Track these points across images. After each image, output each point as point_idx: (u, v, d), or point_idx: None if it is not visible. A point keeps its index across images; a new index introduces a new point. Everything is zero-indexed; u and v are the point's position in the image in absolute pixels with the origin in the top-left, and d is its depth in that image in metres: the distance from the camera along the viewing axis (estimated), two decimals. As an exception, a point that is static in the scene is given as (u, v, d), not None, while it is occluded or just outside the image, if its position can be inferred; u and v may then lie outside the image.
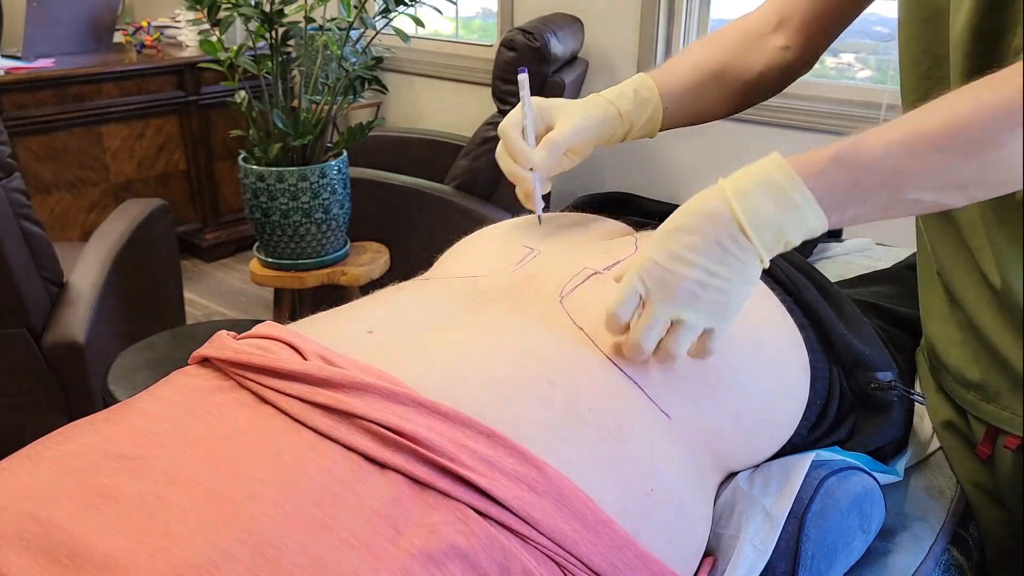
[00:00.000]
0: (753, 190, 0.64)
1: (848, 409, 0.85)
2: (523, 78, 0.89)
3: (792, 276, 0.89)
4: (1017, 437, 0.80)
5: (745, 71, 0.97)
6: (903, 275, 1.18)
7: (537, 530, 0.55)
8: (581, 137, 0.88)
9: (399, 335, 0.68)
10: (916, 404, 0.94)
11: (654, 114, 0.93)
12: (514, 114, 0.89)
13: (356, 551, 0.49)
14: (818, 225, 0.65)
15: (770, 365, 0.78)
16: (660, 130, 0.95)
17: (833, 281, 0.96)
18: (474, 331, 0.70)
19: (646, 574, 0.60)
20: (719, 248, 0.65)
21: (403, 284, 0.83)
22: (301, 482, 0.52)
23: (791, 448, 0.81)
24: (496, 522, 0.54)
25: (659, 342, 0.67)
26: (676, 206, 0.71)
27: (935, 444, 0.94)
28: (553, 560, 0.55)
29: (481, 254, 0.88)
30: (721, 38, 0.99)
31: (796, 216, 0.64)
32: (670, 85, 0.94)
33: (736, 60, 0.97)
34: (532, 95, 0.89)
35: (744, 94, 0.99)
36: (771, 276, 0.88)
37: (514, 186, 0.92)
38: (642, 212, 1.05)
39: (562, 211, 1.01)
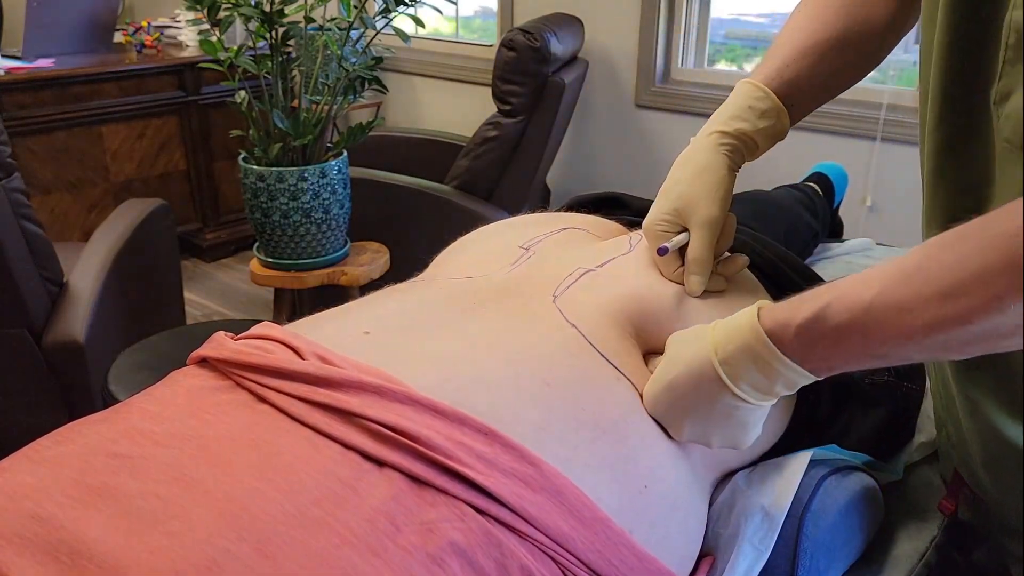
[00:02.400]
0: (737, 359, 0.64)
1: (843, 407, 0.85)
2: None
3: (785, 276, 0.89)
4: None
5: (869, 28, 0.85)
6: None
7: (534, 527, 0.55)
8: (717, 232, 0.79)
9: (396, 335, 0.69)
10: (921, 401, 0.94)
11: (778, 122, 0.84)
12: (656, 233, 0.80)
13: (355, 548, 0.49)
14: (805, 380, 0.64)
15: None
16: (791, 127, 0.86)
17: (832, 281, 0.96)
18: (470, 331, 0.70)
19: (642, 571, 0.60)
20: (718, 405, 0.66)
21: (399, 285, 0.84)
22: (300, 480, 0.52)
23: (788, 446, 0.81)
24: (494, 519, 0.54)
25: None
26: None
27: (935, 443, 0.94)
28: (550, 557, 0.56)
29: (476, 255, 0.89)
30: (824, 1, 0.86)
31: (781, 378, 0.64)
32: (790, 77, 0.84)
33: (853, 21, 0.85)
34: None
35: (870, 56, 0.88)
36: (764, 275, 0.88)
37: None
38: (635, 211, 1.06)
39: (556, 211, 1.01)
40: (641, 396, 0.70)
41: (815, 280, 0.93)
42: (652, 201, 1.07)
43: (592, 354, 0.69)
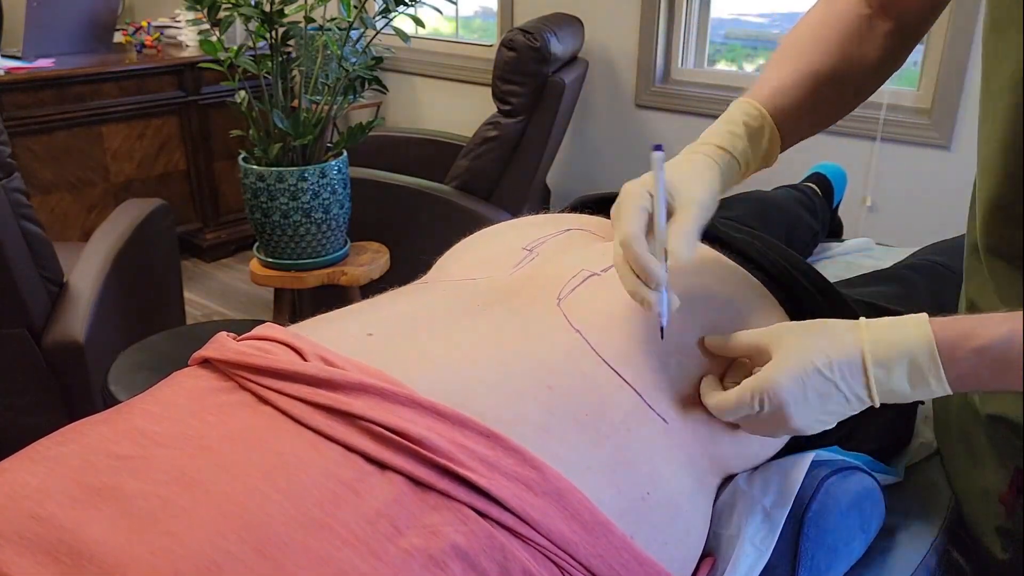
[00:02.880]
0: (895, 365, 0.64)
1: None
2: (658, 156, 0.69)
3: (789, 275, 0.89)
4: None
5: (861, 66, 0.86)
6: (903, 275, 1.18)
7: (536, 531, 0.55)
8: (706, 218, 0.73)
9: (399, 338, 0.69)
10: (918, 405, 0.94)
11: (770, 145, 0.82)
12: (632, 218, 0.69)
13: (357, 551, 0.49)
14: (937, 394, 0.65)
15: None
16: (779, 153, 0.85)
17: (833, 281, 0.96)
18: (473, 334, 0.70)
19: (642, 575, 0.60)
20: (842, 400, 0.67)
21: (402, 288, 0.84)
22: (302, 482, 0.52)
23: (790, 448, 0.81)
24: (496, 522, 0.54)
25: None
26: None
27: (933, 444, 0.94)
28: (552, 561, 0.56)
29: (479, 257, 0.88)
30: (820, 34, 0.86)
31: (924, 393, 0.64)
32: (783, 104, 0.83)
33: (847, 57, 0.85)
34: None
35: (863, 89, 0.89)
36: (769, 276, 0.88)
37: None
38: None
39: (560, 212, 1.01)
40: (643, 400, 0.69)
41: (819, 280, 0.93)
42: None
43: (595, 359, 0.69)
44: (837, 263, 1.44)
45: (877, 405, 0.66)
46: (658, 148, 0.69)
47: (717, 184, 0.76)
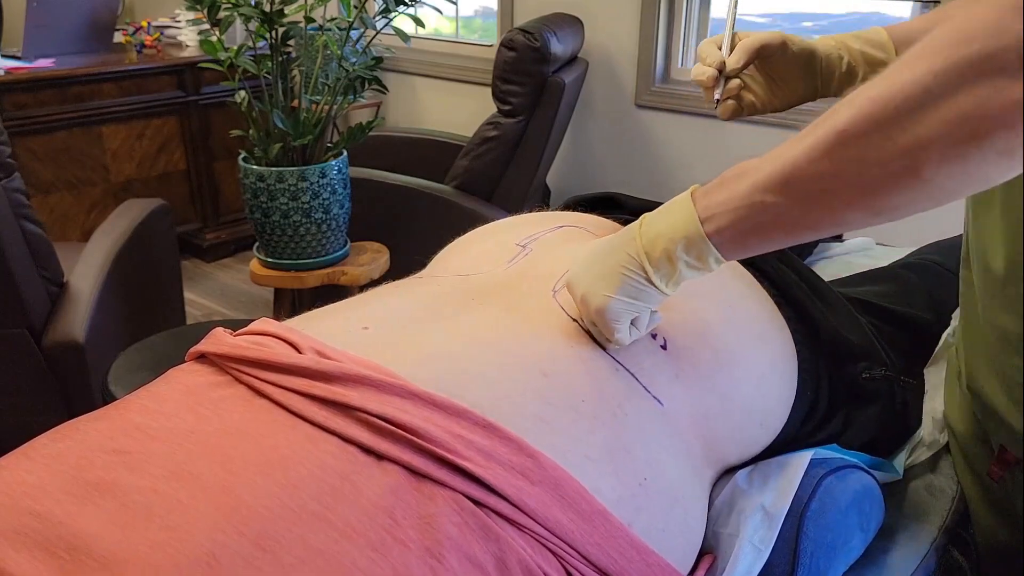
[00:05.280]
0: (653, 218, 0.67)
1: (840, 402, 0.86)
2: (734, 0, 0.91)
3: (778, 270, 0.90)
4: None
5: None
6: (899, 274, 1.18)
7: (533, 519, 0.55)
8: (780, 54, 0.84)
9: (394, 330, 0.69)
10: (921, 405, 0.94)
11: (888, 59, 0.86)
12: (708, 42, 0.89)
13: (354, 542, 0.50)
14: (697, 237, 0.63)
15: (752, 347, 0.80)
16: None
17: (831, 280, 0.96)
18: (468, 326, 0.70)
19: (640, 563, 0.60)
20: (623, 260, 0.68)
21: (397, 283, 0.84)
22: (299, 474, 0.53)
23: (787, 443, 0.81)
24: (493, 511, 0.54)
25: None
26: (661, 203, 0.72)
27: (937, 445, 0.94)
28: (549, 549, 0.56)
29: (474, 254, 0.89)
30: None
31: (678, 221, 0.64)
32: (900, 35, 0.87)
33: None
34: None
35: None
36: (757, 269, 0.89)
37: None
38: (631, 211, 1.06)
39: (554, 210, 1.02)
40: (638, 382, 0.70)
41: (813, 277, 0.93)
42: (646, 200, 1.07)
43: (590, 345, 0.70)
44: (836, 262, 1.44)
45: (638, 238, 0.65)
46: None
47: (807, 48, 0.86)
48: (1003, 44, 0.47)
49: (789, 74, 0.87)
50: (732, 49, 0.86)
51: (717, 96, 0.86)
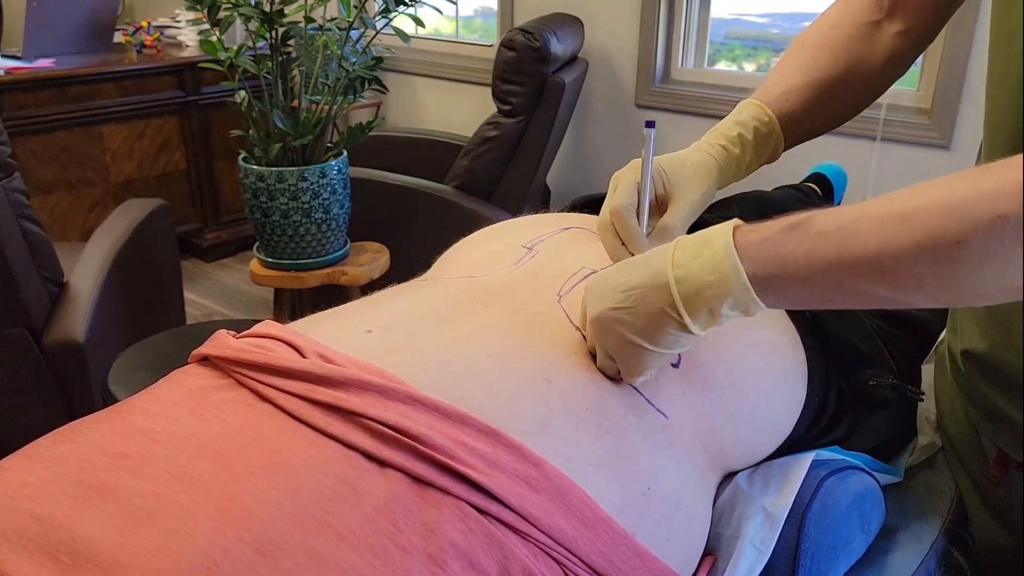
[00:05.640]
0: (692, 267, 0.61)
1: (846, 407, 0.85)
2: (650, 133, 0.75)
3: None
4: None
5: (868, 70, 0.86)
6: None
7: (536, 527, 0.55)
8: (696, 215, 0.77)
9: (398, 334, 0.69)
10: (919, 404, 0.94)
11: (775, 148, 0.85)
12: (627, 190, 0.75)
13: (356, 548, 0.49)
14: (747, 300, 0.59)
15: (764, 361, 0.78)
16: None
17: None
18: (473, 330, 0.70)
19: (644, 572, 0.60)
20: (651, 315, 0.64)
21: (401, 285, 0.84)
22: (301, 480, 0.52)
23: (790, 447, 0.81)
24: (496, 519, 0.54)
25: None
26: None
27: (937, 445, 0.94)
28: (553, 558, 0.55)
29: (479, 256, 0.88)
30: (830, 37, 0.87)
31: (721, 283, 0.59)
32: (788, 110, 0.84)
33: (855, 61, 0.86)
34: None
35: (868, 94, 0.90)
36: None
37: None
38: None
39: (559, 211, 1.01)
40: (642, 396, 0.69)
41: None
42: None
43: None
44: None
45: (674, 287, 0.60)
46: (650, 124, 0.75)
47: (714, 185, 0.79)
48: None
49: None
50: (652, 203, 0.77)
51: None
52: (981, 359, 0.78)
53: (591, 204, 1.04)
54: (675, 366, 0.72)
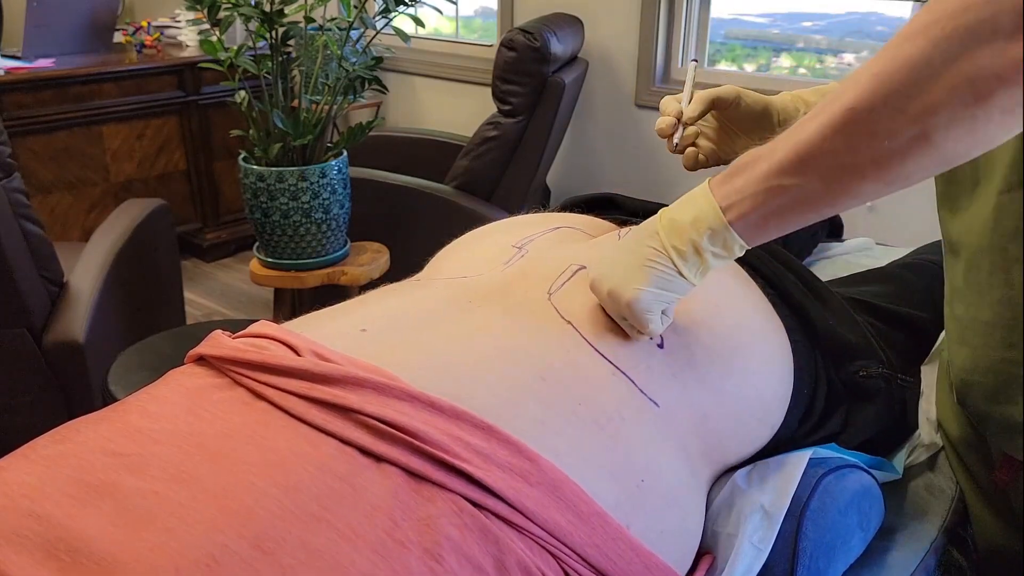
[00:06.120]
0: (676, 208, 0.68)
1: (838, 400, 0.86)
2: (692, 65, 0.99)
3: (775, 270, 0.90)
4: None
5: None
6: (898, 274, 1.18)
7: (532, 521, 0.56)
8: (734, 107, 0.88)
9: (392, 333, 0.69)
10: (918, 405, 0.94)
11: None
12: (669, 100, 0.92)
13: (353, 544, 0.50)
14: (719, 227, 0.65)
15: (748, 343, 0.80)
16: None
17: (830, 280, 0.96)
18: (466, 328, 0.70)
19: (638, 565, 0.60)
20: (648, 244, 0.70)
21: (394, 285, 0.84)
22: (298, 477, 0.53)
23: (786, 444, 0.81)
24: (492, 513, 0.55)
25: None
26: (660, 204, 0.74)
27: (938, 445, 0.94)
28: (548, 551, 0.56)
29: (470, 256, 0.89)
30: None
31: (698, 216, 0.66)
32: None
33: None
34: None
35: None
36: (754, 269, 0.89)
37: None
38: (628, 211, 1.07)
39: (551, 211, 1.02)
40: (635, 385, 0.70)
41: (810, 277, 0.93)
42: (647, 202, 1.08)
43: (587, 349, 0.70)
44: (836, 263, 1.44)
45: (660, 231, 0.67)
46: (694, 60, 0.96)
47: (763, 99, 0.89)
48: (999, 8, 0.50)
49: (744, 125, 0.91)
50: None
51: (676, 140, 0.90)
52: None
53: (581, 204, 1.05)
54: (660, 347, 0.73)
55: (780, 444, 0.81)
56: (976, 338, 0.77)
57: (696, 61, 0.96)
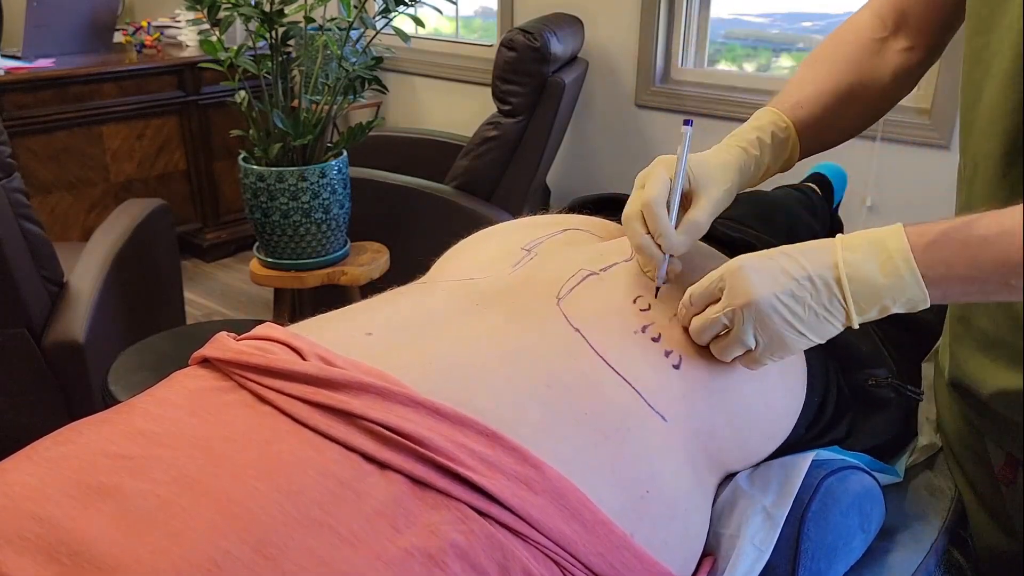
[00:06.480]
0: (861, 247, 0.66)
1: (846, 407, 0.85)
2: (687, 131, 0.79)
3: None
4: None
5: (877, 83, 0.91)
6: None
7: (536, 529, 0.55)
8: (719, 212, 0.80)
9: (398, 337, 0.69)
10: (918, 404, 0.94)
11: (791, 154, 0.89)
12: (660, 183, 0.76)
13: (356, 550, 0.49)
14: (919, 299, 0.65)
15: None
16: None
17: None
18: (473, 333, 0.70)
19: (642, 573, 0.60)
20: (809, 291, 0.67)
21: (401, 288, 0.84)
22: (301, 482, 0.52)
23: (790, 447, 0.81)
24: (496, 521, 0.54)
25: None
26: None
27: (937, 445, 0.94)
28: (552, 560, 0.56)
29: (478, 258, 0.88)
30: (839, 53, 0.92)
31: (896, 284, 0.65)
32: (803, 117, 0.88)
33: (864, 75, 0.91)
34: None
35: (877, 108, 0.94)
36: None
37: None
38: None
39: (558, 212, 1.01)
40: (642, 398, 0.69)
41: None
42: None
43: (594, 358, 0.69)
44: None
45: (846, 284, 0.65)
46: (688, 123, 0.79)
47: (735, 184, 0.81)
48: None
49: None
50: (680, 200, 0.78)
51: (660, 283, 0.77)
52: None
53: (590, 205, 1.04)
54: (676, 368, 0.72)
55: (785, 448, 0.81)
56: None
57: (690, 124, 0.80)
